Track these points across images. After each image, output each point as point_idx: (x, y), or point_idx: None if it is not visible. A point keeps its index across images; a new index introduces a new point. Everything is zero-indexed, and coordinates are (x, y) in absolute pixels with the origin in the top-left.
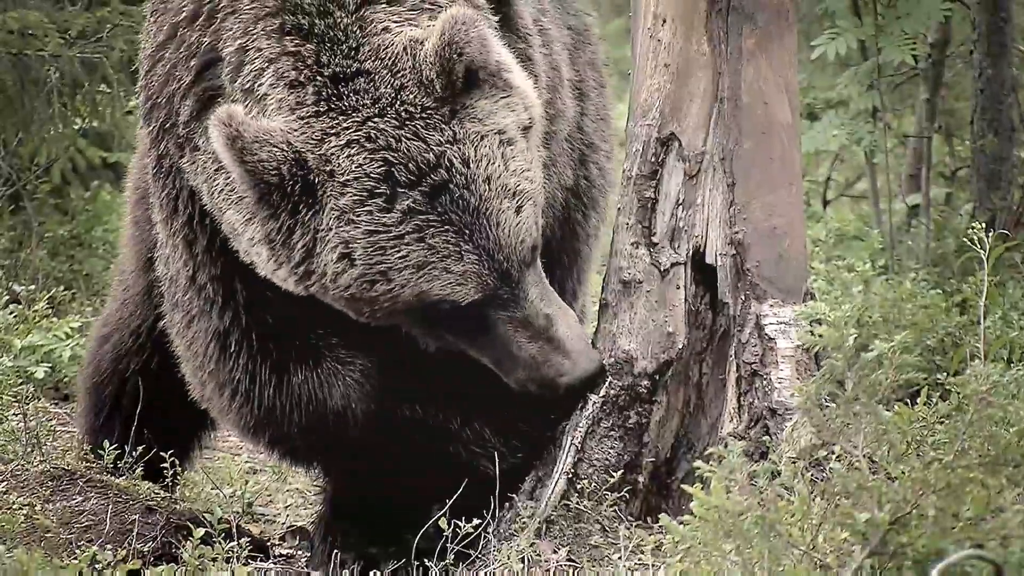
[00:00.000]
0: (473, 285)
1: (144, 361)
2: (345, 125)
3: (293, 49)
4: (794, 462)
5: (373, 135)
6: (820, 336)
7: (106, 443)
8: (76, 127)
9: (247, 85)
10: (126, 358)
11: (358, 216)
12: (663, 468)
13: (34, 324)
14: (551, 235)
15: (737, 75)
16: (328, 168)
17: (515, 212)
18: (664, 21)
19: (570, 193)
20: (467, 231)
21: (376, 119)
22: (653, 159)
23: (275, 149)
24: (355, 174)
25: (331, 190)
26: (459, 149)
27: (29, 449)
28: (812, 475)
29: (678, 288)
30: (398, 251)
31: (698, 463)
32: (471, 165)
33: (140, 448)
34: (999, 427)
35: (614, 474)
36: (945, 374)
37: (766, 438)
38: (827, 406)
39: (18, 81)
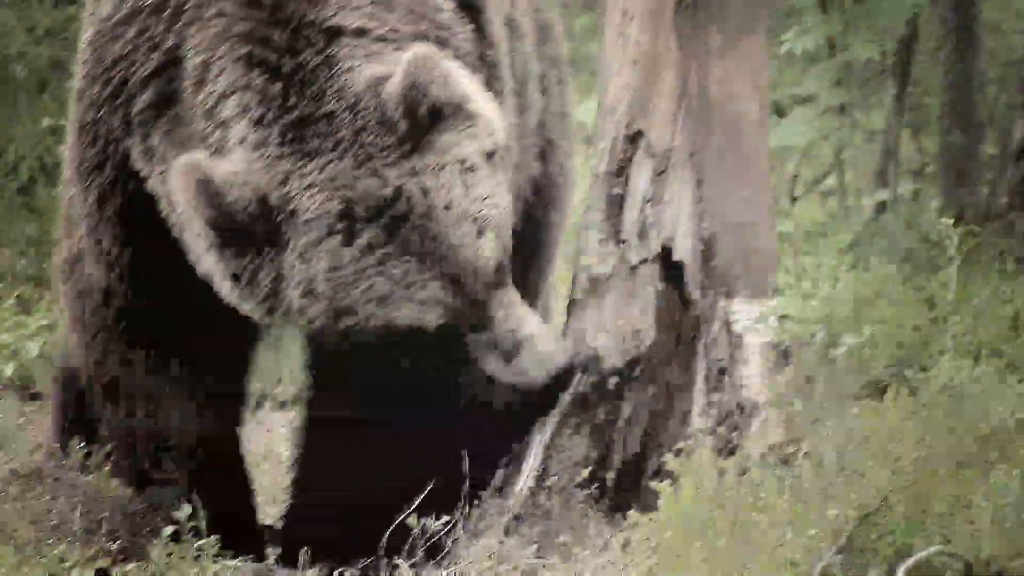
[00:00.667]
0: (439, 311)
1: None
2: (307, 168)
3: (260, 86)
4: (763, 459)
5: (332, 176)
6: (788, 332)
7: (74, 441)
8: (44, 125)
9: (208, 105)
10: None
11: (319, 254)
12: (632, 465)
13: (2, 322)
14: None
15: (705, 72)
16: (290, 208)
17: (475, 237)
18: (632, 18)
19: (532, 188)
20: (428, 259)
21: (336, 161)
22: (621, 156)
23: (243, 190)
24: (315, 213)
25: (292, 230)
26: (418, 181)
27: None
28: (780, 472)
29: (646, 285)
30: (359, 286)
31: (667, 459)
32: (429, 195)
33: (108, 446)
34: (967, 424)
35: (583, 471)
36: (913, 370)
37: (735, 434)
38: (795, 403)
39: None
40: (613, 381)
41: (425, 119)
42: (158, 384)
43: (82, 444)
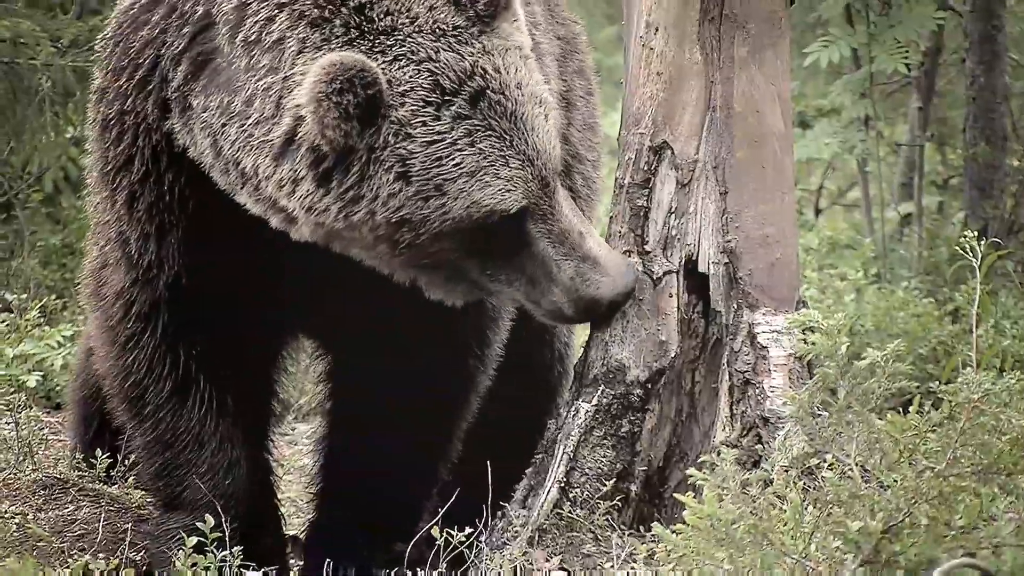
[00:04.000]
0: (520, 191)
1: None
2: (388, 43)
3: None
4: (787, 470)
5: (415, 48)
6: (813, 344)
7: (98, 452)
8: (68, 136)
9: (252, 36)
10: None
11: (415, 128)
12: (656, 477)
13: (26, 333)
14: None
15: (730, 83)
16: (387, 79)
17: (544, 119)
18: (656, 29)
19: None
20: (508, 136)
21: (415, 35)
22: (645, 167)
23: (372, 73)
24: (409, 84)
25: (391, 101)
26: (490, 59)
27: (21, 458)
28: (804, 483)
29: (671, 297)
30: (453, 159)
31: (691, 471)
32: (502, 72)
33: (132, 457)
34: (991, 436)
35: (607, 483)
36: (937, 382)
37: (759, 446)
38: (819, 414)
39: (10, 90)
40: (637, 392)
41: (501, 0)
42: (183, 399)
43: (106, 454)
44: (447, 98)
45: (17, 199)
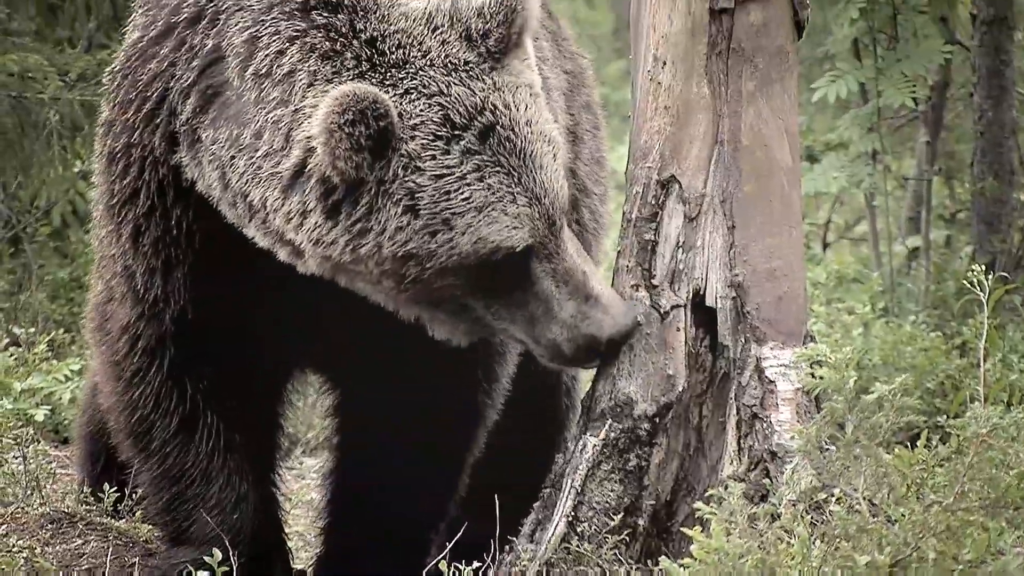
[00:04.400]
0: (527, 229)
1: None
2: (400, 76)
3: (323, 22)
4: (794, 505)
5: (426, 82)
6: (820, 378)
7: (106, 486)
8: (76, 170)
9: (262, 69)
10: None
11: (424, 162)
12: (663, 511)
13: (34, 367)
14: None
15: (737, 118)
16: (397, 112)
17: (552, 158)
18: (664, 64)
19: None
20: (516, 173)
21: (426, 68)
22: (653, 201)
23: (384, 106)
24: (420, 118)
25: (402, 134)
26: (500, 95)
27: (29, 492)
28: (812, 518)
29: (678, 330)
30: (461, 193)
31: (698, 505)
32: (512, 109)
33: (140, 491)
34: (999, 470)
35: (614, 517)
36: (945, 417)
37: (766, 481)
38: (827, 449)
39: (18, 124)
40: (644, 427)
41: (516, 36)
42: (190, 434)
43: (114, 488)
44: (457, 132)
45: (25, 233)
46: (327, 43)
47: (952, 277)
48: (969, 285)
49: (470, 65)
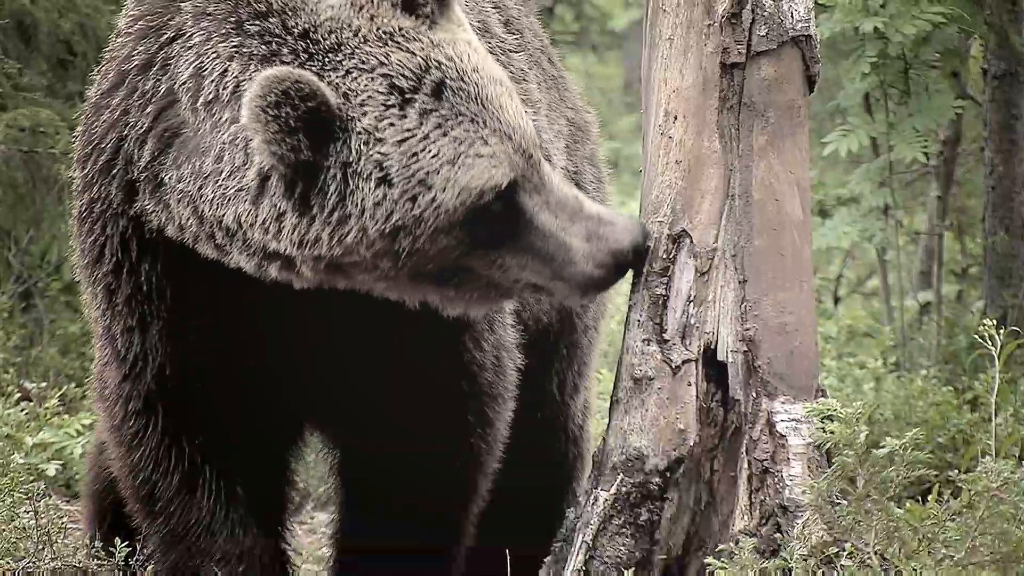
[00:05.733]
0: (505, 165)
1: None
2: (338, 59)
3: (256, 30)
4: (805, 559)
5: (364, 58)
6: (831, 433)
7: (117, 540)
8: None
9: (210, 96)
10: None
11: (383, 132)
12: (675, 566)
13: (45, 421)
14: (547, 324)
15: (748, 172)
16: (343, 92)
17: (509, 97)
18: (675, 118)
19: None
20: (479, 118)
21: (362, 45)
22: (664, 256)
23: (322, 91)
24: (367, 93)
25: (351, 114)
26: (441, 50)
27: (40, 547)
28: (824, 572)
29: (689, 385)
30: (429, 151)
31: (710, 560)
32: (456, 59)
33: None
34: (1010, 524)
35: (625, 571)
36: (956, 471)
37: (778, 535)
38: (838, 503)
39: (29, 179)
40: (656, 481)
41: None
42: (192, 492)
43: (125, 544)
44: (408, 96)
45: (36, 288)
46: (263, 47)
47: (963, 331)
48: (980, 339)
49: (405, 30)
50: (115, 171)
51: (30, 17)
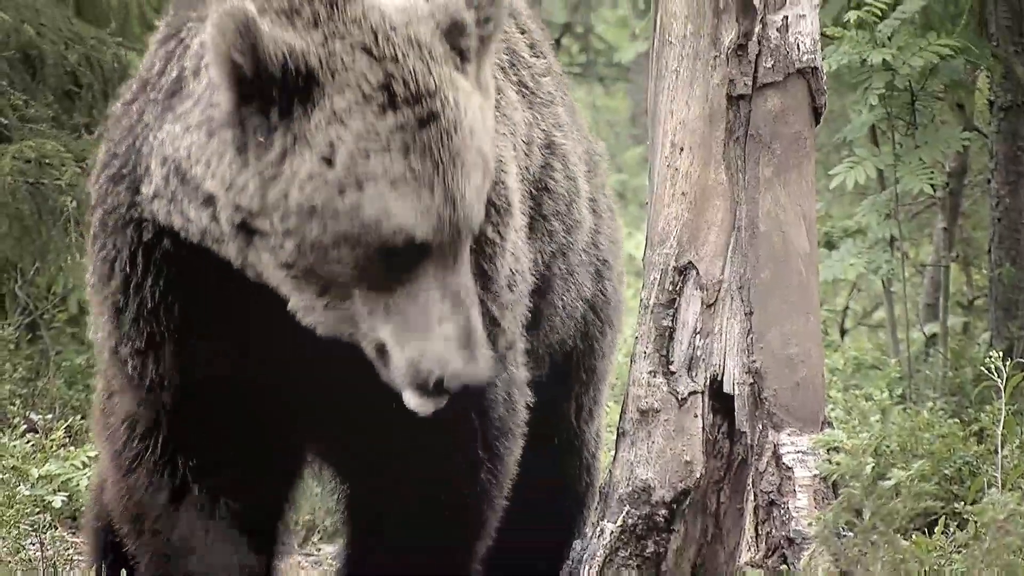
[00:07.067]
0: (434, 223)
1: None
2: (351, 30)
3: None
4: None
5: (380, 44)
6: (837, 465)
7: (123, 573)
8: None
9: (206, 61)
10: None
11: (350, 118)
12: None
13: (51, 453)
14: (572, 347)
15: (755, 204)
16: (330, 67)
17: (481, 175)
18: (682, 150)
19: (588, 308)
20: (442, 169)
21: (389, 32)
22: (671, 288)
23: (281, 44)
24: (356, 78)
25: (328, 90)
26: (454, 92)
27: None
28: None
29: (696, 417)
30: (381, 160)
31: None
32: (459, 110)
33: None
34: (1016, 556)
35: None
36: (963, 503)
37: (784, 567)
38: (845, 535)
39: (35, 210)
40: (662, 513)
41: (486, 42)
42: (175, 506)
43: None
44: (397, 105)
45: (42, 319)
46: (286, 3)
47: (970, 363)
48: (987, 371)
49: (436, 51)
50: (126, 172)
51: (36, 49)
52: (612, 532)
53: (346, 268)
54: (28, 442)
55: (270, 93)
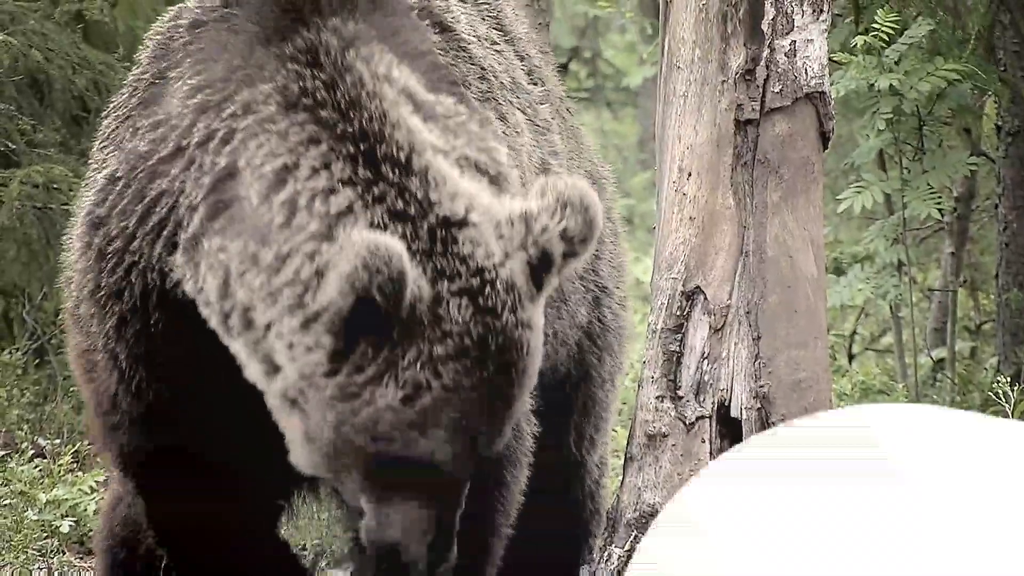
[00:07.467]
0: (448, 453)
1: None
2: (459, 270)
3: (364, 177)
4: None
5: (486, 293)
6: None
7: None
8: None
9: (288, 195)
10: (135, 524)
11: (445, 367)
12: None
13: (59, 478)
14: (565, 375)
15: (762, 228)
16: (436, 314)
17: (523, 403)
18: (689, 175)
19: (584, 335)
20: (495, 415)
21: (491, 271)
22: (678, 312)
23: (419, 286)
24: (460, 330)
25: (430, 334)
26: (532, 336)
27: None
28: None
29: (703, 442)
30: (455, 413)
31: None
32: (533, 357)
33: None
34: None
35: None
36: None
37: None
38: None
39: (43, 235)
40: None
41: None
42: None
43: None
44: (487, 360)
45: (50, 344)
46: (367, 196)
47: (977, 388)
48: (994, 396)
49: (524, 294)
50: (165, 232)
51: (44, 74)
52: (620, 557)
53: (360, 461)
54: (36, 467)
55: (390, 328)
